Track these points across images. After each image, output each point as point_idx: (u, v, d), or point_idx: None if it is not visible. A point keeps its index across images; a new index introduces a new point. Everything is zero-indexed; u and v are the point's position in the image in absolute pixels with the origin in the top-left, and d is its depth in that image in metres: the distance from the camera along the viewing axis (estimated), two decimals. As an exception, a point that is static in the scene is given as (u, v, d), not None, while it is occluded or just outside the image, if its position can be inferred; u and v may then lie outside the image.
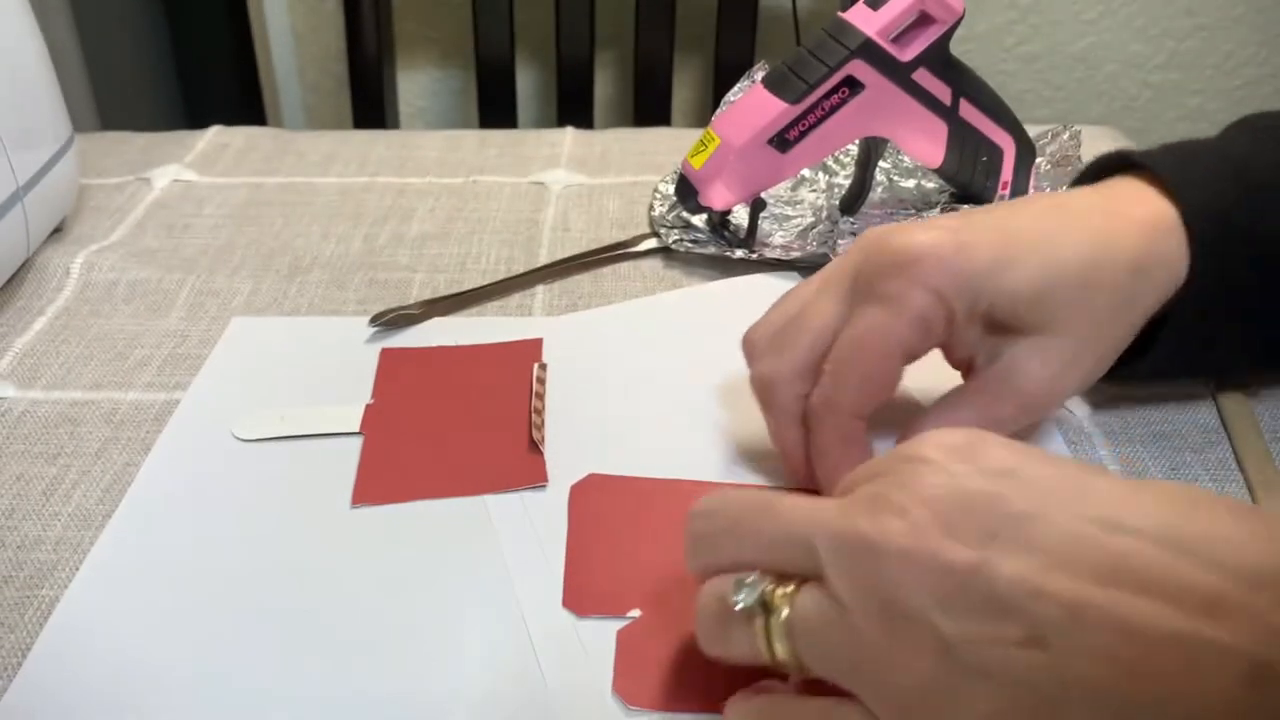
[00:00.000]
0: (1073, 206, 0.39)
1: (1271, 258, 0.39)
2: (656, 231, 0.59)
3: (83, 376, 0.48)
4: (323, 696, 0.33)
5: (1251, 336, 0.41)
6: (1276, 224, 0.39)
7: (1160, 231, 0.38)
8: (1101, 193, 0.40)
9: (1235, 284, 0.39)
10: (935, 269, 0.36)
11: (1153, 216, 0.38)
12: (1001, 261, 0.36)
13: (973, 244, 0.37)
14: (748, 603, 0.28)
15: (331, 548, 0.39)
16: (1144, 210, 0.39)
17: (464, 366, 0.48)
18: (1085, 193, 0.41)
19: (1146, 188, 0.39)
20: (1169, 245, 0.38)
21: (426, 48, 1.23)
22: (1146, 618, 0.23)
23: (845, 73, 0.52)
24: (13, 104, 0.53)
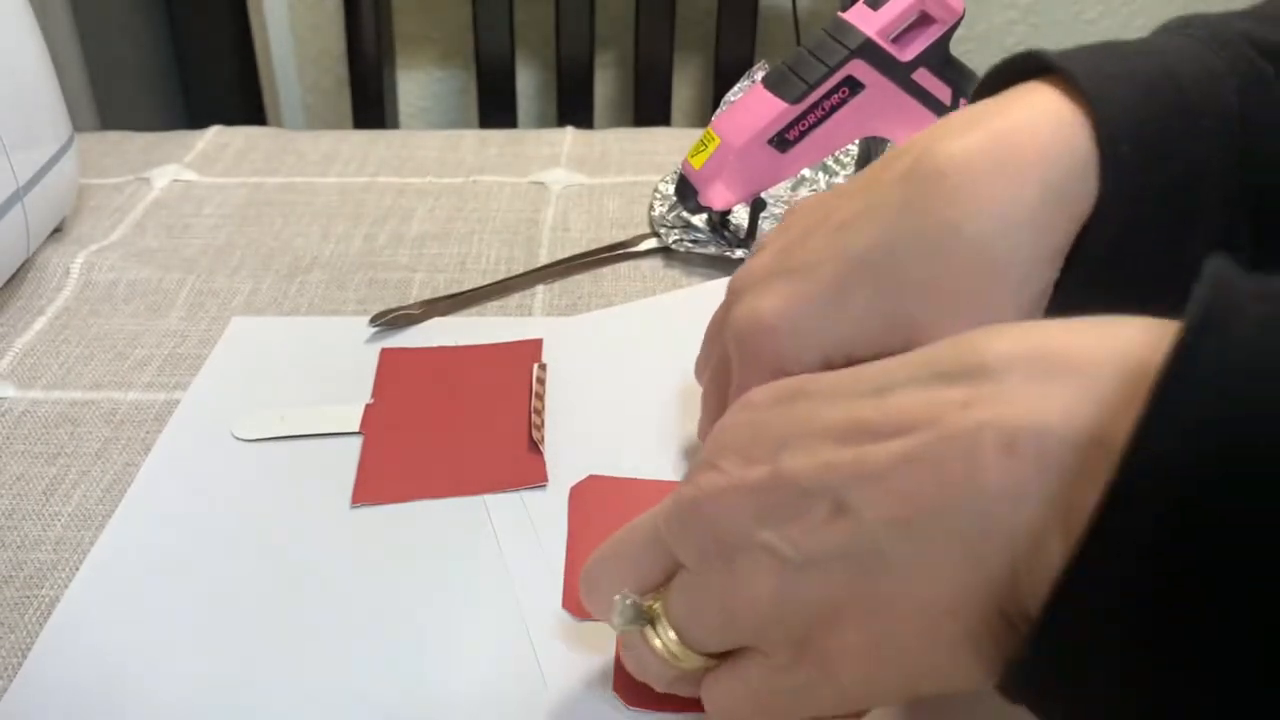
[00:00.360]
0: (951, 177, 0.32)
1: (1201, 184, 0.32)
2: (656, 231, 0.59)
3: (83, 376, 0.48)
4: (322, 696, 0.33)
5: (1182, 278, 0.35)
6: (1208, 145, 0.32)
7: (1067, 145, 0.32)
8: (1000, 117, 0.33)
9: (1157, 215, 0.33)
10: (768, 351, 0.35)
11: (1058, 128, 0.32)
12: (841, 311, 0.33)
13: (807, 302, 0.34)
14: (627, 620, 0.29)
15: (331, 548, 0.39)
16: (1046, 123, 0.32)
17: (464, 366, 0.48)
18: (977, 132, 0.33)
19: (1055, 94, 0.33)
20: (1077, 161, 0.32)
21: (426, 48, 1.23)
22: (914, 444, 0.23)
23: (845, 73, 0.52)
24: (13, 104, 0.53)
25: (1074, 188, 0.32)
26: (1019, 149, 0.32)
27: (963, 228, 0.31)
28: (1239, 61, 0.33)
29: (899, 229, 0.33)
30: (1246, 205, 0.33)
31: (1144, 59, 0.33)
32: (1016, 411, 0.22)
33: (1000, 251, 0.32)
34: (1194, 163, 0.32)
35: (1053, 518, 0.21)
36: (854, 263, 0.33)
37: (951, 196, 0.32)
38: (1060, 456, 0.21)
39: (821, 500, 0.24)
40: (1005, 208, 0.31)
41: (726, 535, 0.26)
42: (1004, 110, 0.33)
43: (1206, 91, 0.32)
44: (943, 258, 0.32)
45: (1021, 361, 0.23)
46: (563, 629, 0.35)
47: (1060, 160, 0.31)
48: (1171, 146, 0.32)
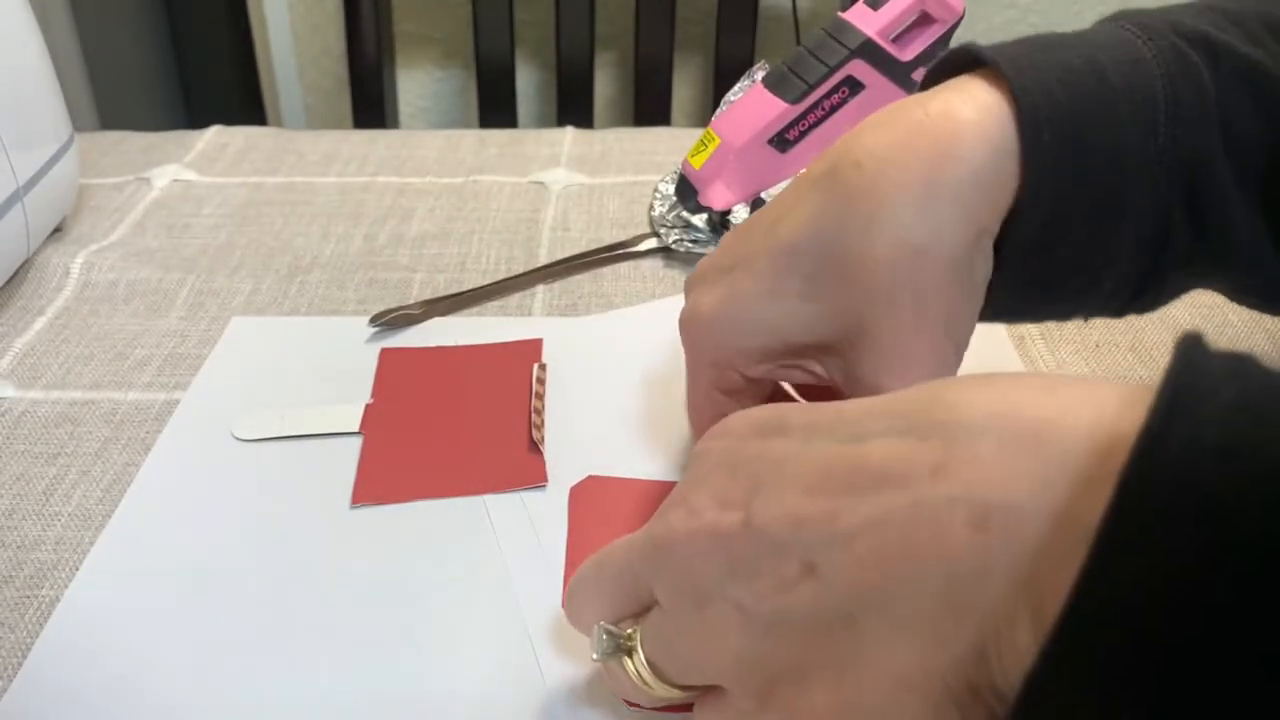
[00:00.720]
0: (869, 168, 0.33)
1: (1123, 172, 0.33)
2: (656, 231, 0.59)
3: (83, 376, 0.48)
4: (322, 696, 0.33)
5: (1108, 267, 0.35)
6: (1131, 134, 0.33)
7: (990, 132, 0.32)
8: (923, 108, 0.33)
9: (1078, 203, 0.33)
10: (708, 344, 0.36)
11: (982, 116, 0.32)
12: (775, 302, 0.34)
13: (743, 296, 0.35)
14: (604, 651, 0.29)
15: (331, 548, 0.39)
16: (971, 111, 0.32)
17: (464, 366, 0.48)
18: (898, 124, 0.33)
19: (982, 84, 0.33)
20: (1000, 148, 0.32)
21: (426, 48, 1.23)
22: (886, 504, 0.23)
23: (845, 73, 0.52)
24: (13, 104, 0.53)
25: (996, 173, 0.32)
26: (937, 137, 0.32)
27: (879, 213, 0.32)
28: (1165, 50, 0.33)
29: (822, 220, 0.33)
30: (1178, 191, 0.34)
31: (1070, 50, 0.34)
32: (988, 484, 0.22)
33: (922, 234, 0.32)
34: (1116, 151, 0.33)
35: (1022, 599, 0.21)
36: (783, 255, 0.34)
37: (869, 186, 0.32)
38: (1030, 535, 0.21)
39: (791, 557, 0.24)
40: (922, 191, 0.32)
41: (697, 581, 0.26)
42: (925, 102, 0.33)
43: (1130, 81, 0.33)
44: (865, 243, 0.32)
45: (995, 424, 0.22)
46: (562, 629, 0.35)
47: (980, 146, 0.32)
48: (1092, 134, 0.32)
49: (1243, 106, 0.33)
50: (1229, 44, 0.34)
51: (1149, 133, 0.33)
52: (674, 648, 0.28)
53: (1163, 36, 0.34)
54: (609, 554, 0.30)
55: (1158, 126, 0.33)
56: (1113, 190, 0.33)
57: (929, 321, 0.33)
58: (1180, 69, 0.33)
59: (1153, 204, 0.33)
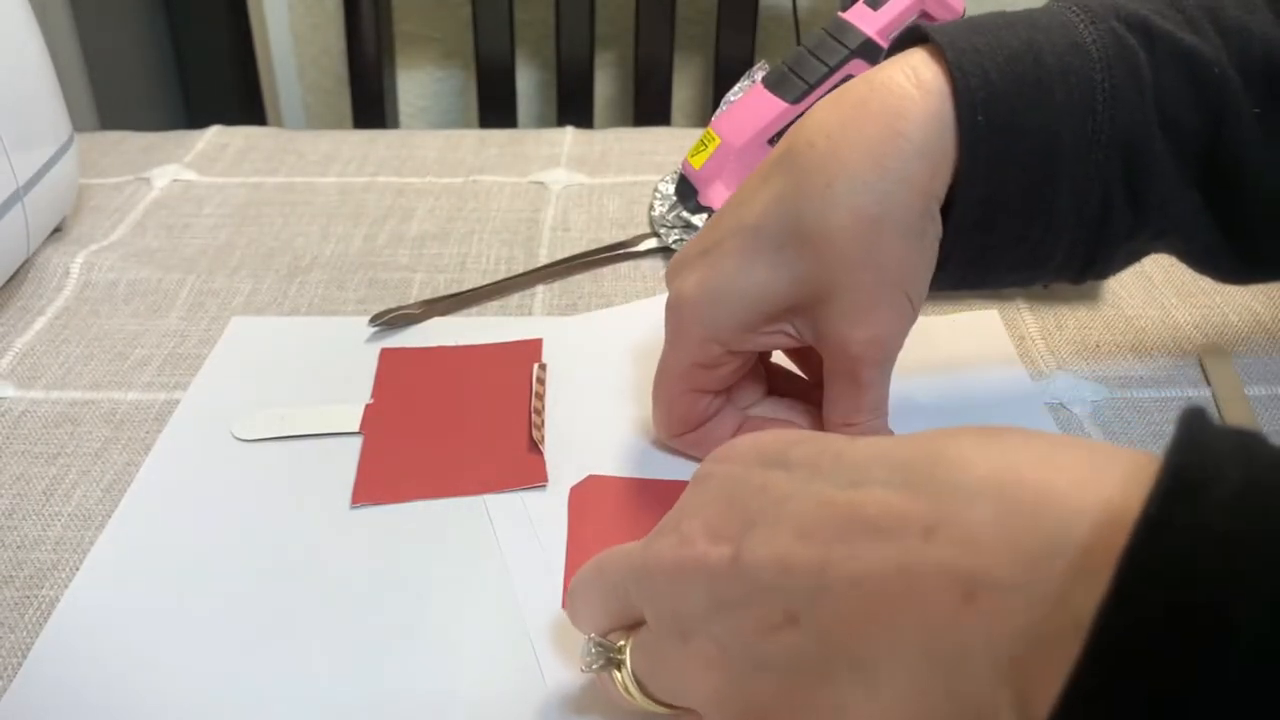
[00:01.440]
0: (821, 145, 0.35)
1: (1056, 154, 0.35)
2: (656, 231, 0.59)
3: (83, 376, 0.48)
4: (322, 696, 0.33)
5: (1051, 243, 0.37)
6: (1066, 117, 0.35)
7: (930, 108, 0.35)
8: (868, 86, 0.36)
9: (1011, 184, 0.35)
10: (692, 320, 0.38)
11: (922, 94, 0.35)
12: (749, 275, 0.36)
13: (719, 274, 0.37)
14: (598, 664, 0.29)
15: (331, 547, 0.39)
16: (912, 89, 0.35)
17: (464, 366, 0.48)
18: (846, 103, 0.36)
19: (925, 61, 0.36)
20: (938, 124, 0.35)
21: (426, 48, 1.23)
22: (874, 560, 0.22)
23: (845, 72, 0.52)
24: (13, 104, 0.53)
25: (939, 147, 0.35)
26: (884, 115, 0.35)
27: (834, 187, 0.34)
28: (1104, 35, 0.35)
29: (781, 197, 0.36)
30: (1116, 169, 0.35)
31: (1011, 32, 0.36)
32: (979, 554, 0.21)
33: (874, 205, 0.34)
34: (1049, 131, 0.35)
35: (1005, 682, 0.20)
36: (749, 233, 0.36)
37: (821, 162, 0.35)
38: (1019, 616, 0.20)
39: (775, 603, 0.24)
40: (871, 164, 0.34)
41: (682, 611, 0.26)
42: (869, 80, 0.36)
43: (1066, 63, 0.35)
44: (824, 216, 0.35)
45: (993, 489, 0.21)
46: (562, 628, 0.35)
47: (922, 122, 0.34)
48: (1026, 116, 0.34)
49: (1179, 90, 0.35)
50: (1166, 30, 0.35)
51: (1085, 114, 0.35)
52: (658, 670, 0.28)
53: (1103, 20, 0.36)
54: (608, 561, 0.30)
55: (1095, 108, 0.35)
56: (1047, 169, 0.35)
57: (886, 280, 0.36)
58: (1118, 53, 0.35)
59: (1091, 182, 0.36)
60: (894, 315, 0.36)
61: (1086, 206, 0.36)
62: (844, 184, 0.34)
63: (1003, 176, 0.35)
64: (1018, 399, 0.46)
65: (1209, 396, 0.46)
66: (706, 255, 0.38)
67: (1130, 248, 0.39)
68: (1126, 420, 0.45)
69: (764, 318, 0.37)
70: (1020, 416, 0.45)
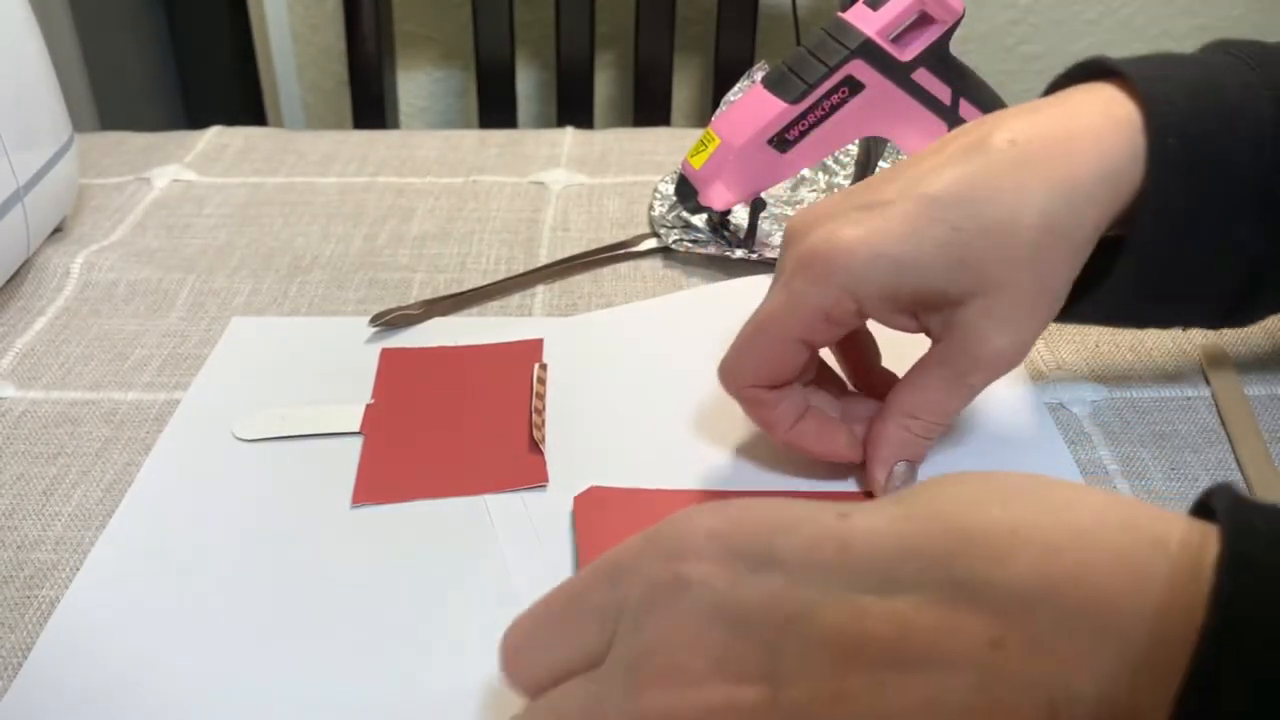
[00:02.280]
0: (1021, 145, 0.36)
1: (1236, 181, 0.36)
2: (656, 231, 0.59)
3: (83, 376, 0.48)
4: (323, 696, 0.33)
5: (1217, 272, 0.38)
6: (1244, 147, 0.36)
7: (1120, 135, 0.36)
8: (1062, 106, 0.37)
9: (1198, 205, 0.36)
10: (841, 269, 0.35)
11: (1114, 120, 0.36)
12: (917, 244, 0.35)
13: (885, 234, 0.35)
14: None
15: (331, 547, 0.39)
16: (1103, 114, 0.36)
17: (465, 366, 0.48)
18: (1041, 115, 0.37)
19: (1114, 91, 0.37)
20: (1127, 150, 0.36)
21: (426, 48, 1.23)
22: (943, 686, 0.21)
23: (845, 73, 0.52)
24: (13, 104, 0.53)
25: (1124, 173, 0.35)
26: (1078, 131, 0.36)
27: (1031, 188, 0.35)
28: (1273, 77, 0.37)
29: (976, 178, 0.35)
30: (1273, 208, 0.37)
31: (1190, 69, 0.37)
32: (1052, 668, 0.20)
33: (1063, 217, 0.35)
34: (1232, 163, 0.36)
35: None
36: (930, 201, 0.35)
37: (1022, 161, 0.35)
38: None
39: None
40: (1067, 179, 0.35)
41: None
42: (1063, 101, 0.37)
43: (1244, 101, 0.36)
44: (1015, 211, 0.35)
45: (1048, 597, 0.21)
46: (563, 629, 0.35)
47: (1113, 146, 0.35)
48: (1213, 145, 0.36)
49: None
50: None
51: (1258, 147, 0.36)
52: None
53: (1271, 66, 0.37)
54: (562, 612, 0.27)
55: (1264, 142, 0.36)
56: (1228, 199, 0.36)
57: (1046, 289, 0.36)
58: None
59: (1258, 216, 0.36)
60: (1037, 328, 0.37)
61: (1250, 241, 0.37)
62: (1040, 186, 0.35)
63: (1186, 204, 0.36)
64: (1016, 399, 0.46)
65: (1209, 395, 0.46)
66: (870, 211, 0.36)
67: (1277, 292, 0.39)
68: (1126, 420, 0.45)
69: (911, 295, 0.36)
70: (1020, 416, 0.45)
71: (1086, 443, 0.43)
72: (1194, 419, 0.45)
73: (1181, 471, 0.42)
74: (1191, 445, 0.43)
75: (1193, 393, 0.46)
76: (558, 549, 0.38)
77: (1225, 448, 0.43)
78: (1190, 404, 0.45)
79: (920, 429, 0.38)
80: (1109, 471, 0.42)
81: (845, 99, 0.53)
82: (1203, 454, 0.43)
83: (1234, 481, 0.25)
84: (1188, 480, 0.41)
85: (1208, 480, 0.41)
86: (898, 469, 0.39)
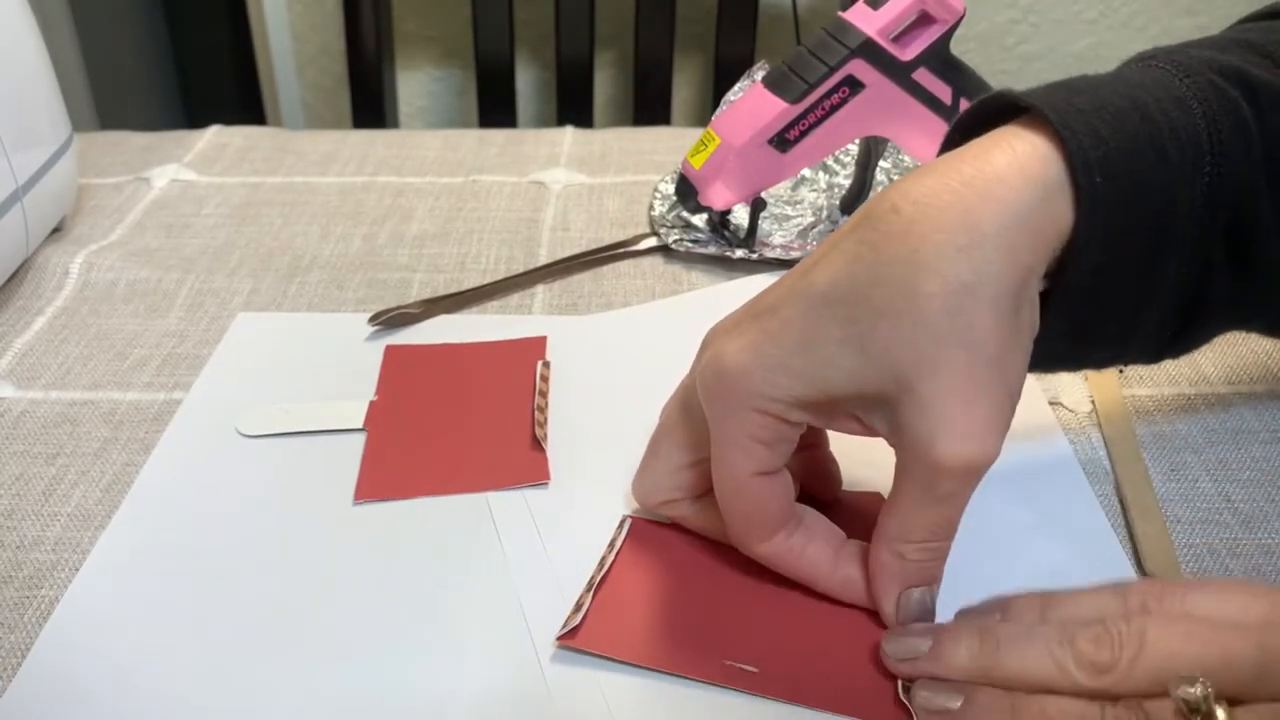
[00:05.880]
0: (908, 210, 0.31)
1: (1171, 217, 0.32)
2: (656, 231, 0.59)
3: (82, 376, 0.48)
4: (324, 694, 0.33)
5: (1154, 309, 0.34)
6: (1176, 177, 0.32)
7: (1032, 175, 0.31)
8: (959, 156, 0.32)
9: (1134, 245, 0.32)
10: (742, 392, 0.33)
11: (1022, 161, 0.31)
12: (812, 350, 0.32)
13: (777, 344, 0.32)
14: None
15: (334, 544, 0.39)
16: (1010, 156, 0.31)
17: (468, 364, 0.48)
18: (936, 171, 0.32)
19: (1020, 130, 0.32)
20: (1042, 191, 0.31)
21: (426, 47, 1.23)
22: None
23: (845, 72, 0.52)
24: (13, 104, 0.53)
25: (1043, 214, 0.31)
26: (975, 180, 0.31)
27: (921, 251, 0.30)
28: (1204, 88, 0.33)
29: (857, 262, 0.31)
30: (1220, 230, 0.33)
31: (1111, 90, 0.33)
32: None
33: (966, 271, 0.30)
34: (1164, 192, 0.32)
35: None
36: (816, 300, 0.32)
37: (907, 227, 0.31)
38: None
39: None
40: (962, 230, 0.30)
41: None
42: (964, 155, 0.32)
43: (1174, 121, 0.32)
44: (909, 282, 0.30)
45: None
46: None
47: (1024, 187, 0.31)
48: (1143, 177, 0.32)
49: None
50: (1265, 79, 0.33)
51: (1195, 172, 0.32)
52: None
53: (1198, 73, 0.33)
54: None
55: (1203, 166, 0.32)
56: (1162, 233, 0.32)
57: (981, 360, 0.30)
58: (1221, 106, 0.32)
59: (1197, 244, 0.33)
60: (993, 413, 0.31)
61: (1188, 272, 0.33)
62: (932, 249, 0.30)
63: (1119, 243, 0.32)
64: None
65: (1209, 395, 0.46)
66: (759, 319, 0.33)
67: (1219, 318, 0.35)
68: (1127, 420, 0.45)
69: (825, 401, 0.32)
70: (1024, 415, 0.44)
71: (1087, 443, 0.43)
72: (1194, 419, 0.45)
73: (1181, 472, 0.42)
74: (1192, 445, 0.43)
75: (1191, 392, 0.46)
76: (558, 547, 0.38)
77: (1226, 447, 0.43)
78: (1190, 404, 0.45)
79: (916, 553, 0.33)
80: (1109, 471, 0.42)
81: (846, 99, 0.53)
82: (1203, 454, 0.43)
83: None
84: (1188, 480, 0.41)
85: (1207, 480, 0.41)
86: (912, 596, 0.34)
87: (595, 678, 0.34)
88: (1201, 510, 0.40)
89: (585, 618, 0.35)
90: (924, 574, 0.34)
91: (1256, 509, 0.40)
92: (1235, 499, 0.40)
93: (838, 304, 0.31)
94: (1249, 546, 0.38)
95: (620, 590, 0.36)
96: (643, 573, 0.37)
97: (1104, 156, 0.31)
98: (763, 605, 0.36)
